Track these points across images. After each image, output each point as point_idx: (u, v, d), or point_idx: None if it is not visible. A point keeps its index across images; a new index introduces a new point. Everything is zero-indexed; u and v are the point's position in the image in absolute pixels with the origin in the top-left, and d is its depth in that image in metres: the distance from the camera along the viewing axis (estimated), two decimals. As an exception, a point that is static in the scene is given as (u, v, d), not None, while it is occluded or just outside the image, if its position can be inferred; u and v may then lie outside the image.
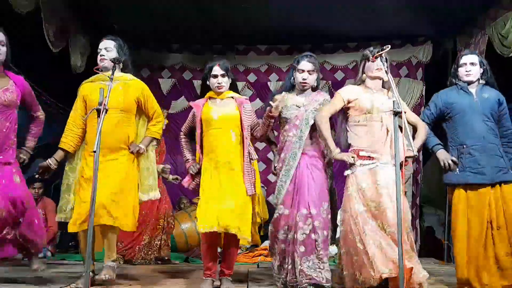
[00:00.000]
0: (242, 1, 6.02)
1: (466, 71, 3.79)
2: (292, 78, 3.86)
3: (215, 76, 3.76)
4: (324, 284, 3.47)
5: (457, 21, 6.65)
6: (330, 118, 3.63)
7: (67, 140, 3.73)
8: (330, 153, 3.56)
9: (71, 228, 3.48)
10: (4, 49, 3.72)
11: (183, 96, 7.81)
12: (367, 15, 6.45)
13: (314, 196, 3.59)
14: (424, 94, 7.42)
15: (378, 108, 3.49)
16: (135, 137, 3.79)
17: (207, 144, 3.72)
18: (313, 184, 3.62)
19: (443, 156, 3.71)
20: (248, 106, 3.82)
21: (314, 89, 3.88)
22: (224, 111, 3.73)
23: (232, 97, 3.83)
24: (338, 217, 3.57)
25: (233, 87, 3.89)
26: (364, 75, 3.70)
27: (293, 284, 3.55)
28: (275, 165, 3.86)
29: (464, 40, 6.74)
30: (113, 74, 3.36)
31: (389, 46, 3.18)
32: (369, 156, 3.43)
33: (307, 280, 3.44)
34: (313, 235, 3.52)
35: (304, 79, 3.76)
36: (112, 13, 6.52)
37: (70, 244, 6.48)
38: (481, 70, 3.79)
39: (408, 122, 3.48)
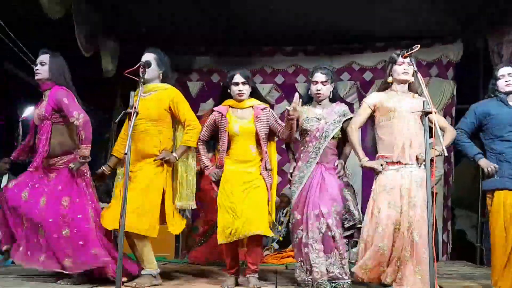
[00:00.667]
0: (268, 2, 6.03)
1: (506, 81, 3.92)
2: (309, 90, 4.08)
3: (236, 84, 3.92)
4: (347, 280, 3.70)
5: (488, 19, 6.50)
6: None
7: (118, 147, 4.04)
8: (359, 161, 3.76)
9: (107, 226, 3.76)
10: (44, 68, 3.87)
11: (211, 99, 7.86)
12: (395, 14, 6.37)
13: (324, 196, 3.80)
14: (455, 93, 7.27)
15: (402, 108, 3.66)
16: (172, 145, 3.96)
17: (232, 153, 3.94)
18: (324, 187, 3.83)
19: (485, 164, 3.85)
20: (264, 115, 3.94)
21: (332, 100, 4.07)
22: (243, 124, 3.92)
23: (251, 106, 3.98)
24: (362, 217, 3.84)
25: (253, 94, 4.05)
26: (390, 77, 3.85)
27: (312, 283, 3.72)
28: (291, 171, 4.07)
29: (496, 38, 6.58)
30: (142, 77, 3.42)
31: (418, 45, 3.16)
32: (393, 162, 3.62)
33: (329, 277, 3.67)
34: (329, 233, 3.73)
35: (318, 90, 3.96)
36: (140, 18, 6.63)
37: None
38: None
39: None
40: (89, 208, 3.80)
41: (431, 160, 3.07)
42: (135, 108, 3.08)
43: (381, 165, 3.62)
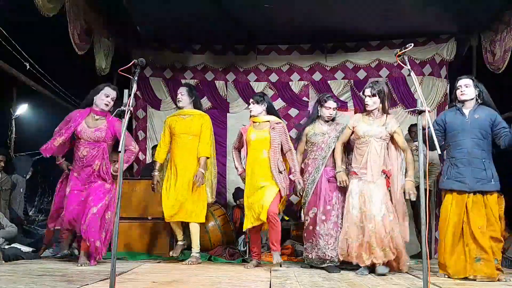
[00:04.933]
0: (264, 1, 6.03)
1: (461, 91, 4.37)
2: (317, 111, 5.06)
3: (251, 103, 5.02)
4: (337, 261, 4.75)
5: (481, 17, 6.54)
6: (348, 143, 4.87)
7: (160, 155, 5.23)
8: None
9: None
10: (112, 103, 4.71)
11: (205, 97, 7.86)
12: (389, 13, 6.40)
13: (331, 196, 4.88)
14: (448, 92, 7.31)
15: (369, 134, 4.55)
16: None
17: (248, 156, 4.96)
18: (329, 189, 4.90)
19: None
20: (278, 128, 4.87)
21: (333, 119, 5.09)
22: (259, 134, 4.88)
23: (268, 121, 4.90)
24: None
25: (270, 110, 5.01)
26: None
27: (321, 261, 4.78)
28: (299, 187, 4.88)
29: (489, 36, 6.63)
30: (136, 75, 3.41)
31: (412, 44, 3.17)
32: (358, 174, 4.59)
33: (333, 257, 4.73)
34: (331, 225, 4.80)
35: (330, 114, 5.00)
36: (135, 15, 6.61)
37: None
38: (476, 92, 4.35)
39: (399, 145, 4.57)
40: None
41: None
42: (128, 106, 3.06)
43: (344, 180, 4.70)
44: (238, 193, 6.91)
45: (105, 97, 4.68)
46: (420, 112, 2.90)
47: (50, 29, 5.82)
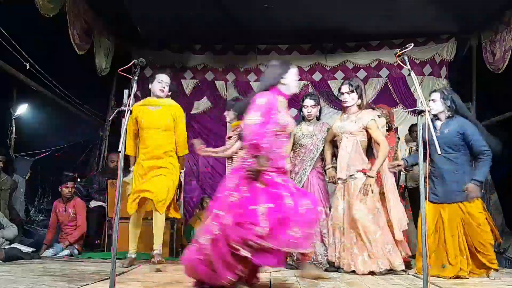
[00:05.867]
0: (264, 1, 6.03)
1: (429, 106, 4.38)
2: (301, 111, 5.07)
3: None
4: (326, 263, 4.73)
5: (481, 17, 6.54)
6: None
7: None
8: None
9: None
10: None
11: (205, 97, 7.86)
12: (389, 13, 6.40)
13: (321, 197, 4.81)
14: (448, 92, 7.30)
15: (341, 131, 4.57)
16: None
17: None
18: (318, 190, 4.84)
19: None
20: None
21: (318, 118, 5.07)
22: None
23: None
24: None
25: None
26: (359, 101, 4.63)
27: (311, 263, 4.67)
28: None
29: (489, 36, 6.63)
30: (136, 75, 3.41)
31: (412, 44, 3.16)
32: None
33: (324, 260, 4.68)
34: (320, 228, 4.71)
35: (309, 112, 4.97)
36: (135, 15, 6.61)
37: (96, 242, 6.61)
38: (447, 103, 4.34)
39: (375, 141, 4.50)
40: None
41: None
42: (128, 106, 3.06)
43: (332, 177, 4.77)
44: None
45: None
46: (420, 112, 2.90)
47: (50, 29, 5.82)
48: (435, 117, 4.42)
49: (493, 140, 4.25)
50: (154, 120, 4.62)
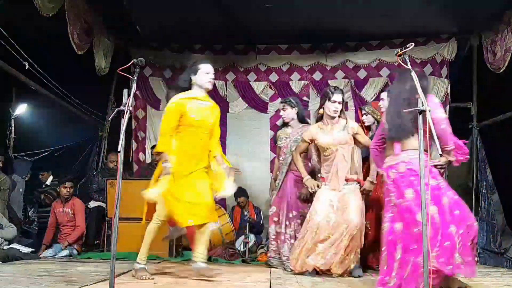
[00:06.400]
0: (264, 1, 6.02)
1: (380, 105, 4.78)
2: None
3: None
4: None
5: (482, 17, 6.52)
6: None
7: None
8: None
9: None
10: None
11: (205, 97, 7.85)
12: (390, 13, 6.37)
13: (297, 201, 4.96)
14: (449, 92, 7.29)
15: (333, 143, 4.44)
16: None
17: None
18: (292, 194, 4.97)
19: None
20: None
21: (301, 120, 5.20)
22: None
23: None
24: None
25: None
26: (321, 110, 4.59)
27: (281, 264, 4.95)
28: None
29: (490, 36, 6.62)
30: (135, 75, 3.39)
31: (413, 44, 3.14)
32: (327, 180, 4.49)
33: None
34: (294, 231, 4.87)
35: (281, 115, 5.24)
36: (135, 15, 6.60)
37: (95, 242, 6.60)
38: None
39: (363, 145, 4.52)
40: None
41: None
42: (128, 106, 3.04)
43: (317, 185, 4.61)
44: (238, 191, 6.96)
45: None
46: (421, 112, 2.89)
47: (50, 29, 5.81)
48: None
49: None
50: (206, 118, 4.13)
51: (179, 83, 4.25)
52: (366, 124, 5.17)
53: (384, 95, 4.59)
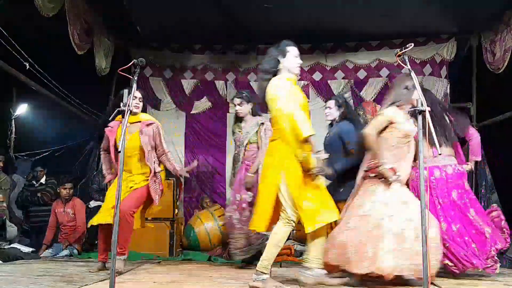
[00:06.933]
0: (264, 1, 6.02)
1: (325, 113, 4.78)
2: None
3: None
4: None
5: (481, 17, 6.53)
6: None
7: None
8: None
9: None
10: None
11: (205, 97, 7.86)
12: (390, 13, 6.39)
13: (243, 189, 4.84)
14: (448, 92, 7.31)
15: (411, 134, 3.86)
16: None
17: None
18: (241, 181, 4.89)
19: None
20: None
21: (255, 114, 5.08)
22: None
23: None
24: None
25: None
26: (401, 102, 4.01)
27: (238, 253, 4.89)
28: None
29: (489, 36, 6.63)
30: (136, 75, 3.40)
31: (412, 44, 3.15)
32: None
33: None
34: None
35: (236, 110, 5.11)
36: (136, 15, 6.61)
37: (96, 242, 6.61)
38: (340, 111, 4.66)
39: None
40: None
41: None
42: (128, 106, 3.05)
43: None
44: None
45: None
46: (420, 112, 2.89)
47: (50, 29, 5.81)
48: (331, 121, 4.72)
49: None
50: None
51: (264, 67, 3.81)
52: None
53: (331, 103, 4.76)
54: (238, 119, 5.18)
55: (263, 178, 3.65)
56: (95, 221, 4.29)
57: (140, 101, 4.49)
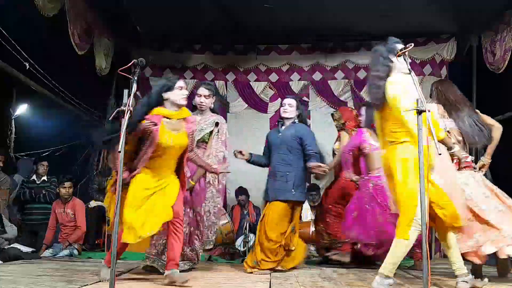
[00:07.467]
0: (264, 1, 6.03)
1: (284, 109, 4.68)
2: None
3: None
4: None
5: (482, 17, 6.53)
6: None
7: None
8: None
9: None
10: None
11: (205, 97, 7.86)
12: (390, 13, 6.39)
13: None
14: (448, 92, 7.30)
15: None
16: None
17: None
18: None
19: None
20: None
21: (212, 111, 4.60)
22: None
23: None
24: None
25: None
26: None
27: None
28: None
29: (489, 36, 6.63)
30: (136, 75, 3.40)
31: (412, 44, 3.17)
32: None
33: None
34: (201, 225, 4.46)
35: (201, 102, 4.51)
36: (136, 15, 6.61)
37: (96, 242, 6.61)
38: (297, 112, 4.66)
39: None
40: None
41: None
42: (128, 106, 3.05)
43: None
44: (239, 190, 7.01)
45: None
46: (420, 112, 2.89)
47: (50, 29, 5.81)
48: (281, 120, 4.72)
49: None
50: None
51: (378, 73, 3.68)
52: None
53: (293, 101, 4.71)
54: (195, 108, 4.53)
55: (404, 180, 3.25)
56: (145, 232, 3.48)
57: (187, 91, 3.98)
